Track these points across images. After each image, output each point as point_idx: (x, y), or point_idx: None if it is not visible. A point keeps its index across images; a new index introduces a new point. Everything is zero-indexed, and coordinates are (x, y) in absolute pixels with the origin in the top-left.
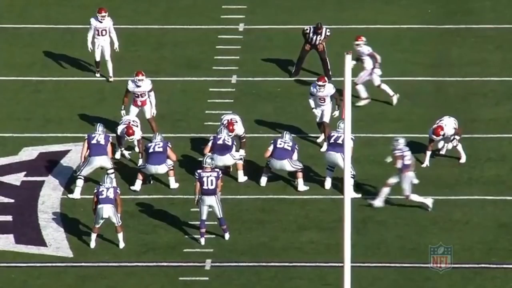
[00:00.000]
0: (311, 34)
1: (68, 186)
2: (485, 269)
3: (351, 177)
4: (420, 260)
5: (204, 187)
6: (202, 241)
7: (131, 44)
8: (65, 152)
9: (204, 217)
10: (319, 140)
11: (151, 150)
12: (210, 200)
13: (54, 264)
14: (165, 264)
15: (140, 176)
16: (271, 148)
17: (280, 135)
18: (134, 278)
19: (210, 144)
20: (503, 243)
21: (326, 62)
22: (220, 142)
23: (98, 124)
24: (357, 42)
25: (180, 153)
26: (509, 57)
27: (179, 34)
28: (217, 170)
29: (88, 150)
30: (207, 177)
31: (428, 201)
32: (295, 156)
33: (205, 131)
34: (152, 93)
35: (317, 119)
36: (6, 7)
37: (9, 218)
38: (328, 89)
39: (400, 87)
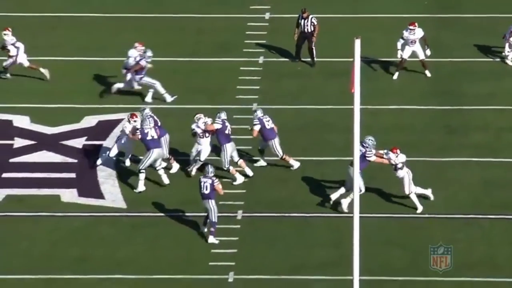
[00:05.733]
0: (299, 19)
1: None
2: (473, 219)
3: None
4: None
5: (200, 191)
6: (210, 239)
7: (178, 30)
8: (119, 121)
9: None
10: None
11: (150, 137)
12: (205, 204)
13: (110, 214)
14: (203, 214)
15: (173, 165)
16: (257, 127)
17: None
18: (176, 227)
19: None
20: (488, 197)
21: (312, 51)
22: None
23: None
24: (4, 32)
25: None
26: (492, 42)
27: (215, 22)
28: (213, 178)
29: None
30: (203, 182)
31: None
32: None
33: (237, 103)
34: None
35: (404, 55)
36: None
37: (73, 175)
38: (419, 33)
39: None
